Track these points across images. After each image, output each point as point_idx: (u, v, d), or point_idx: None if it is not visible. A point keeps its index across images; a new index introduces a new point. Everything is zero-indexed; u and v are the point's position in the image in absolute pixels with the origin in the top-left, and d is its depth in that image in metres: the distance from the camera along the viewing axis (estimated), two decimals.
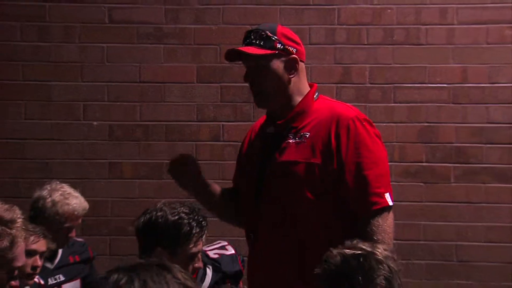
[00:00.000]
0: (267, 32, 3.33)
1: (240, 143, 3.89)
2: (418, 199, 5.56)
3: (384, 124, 5.52)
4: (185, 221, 3.31)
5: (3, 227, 2.73)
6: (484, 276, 5.54)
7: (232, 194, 3.77)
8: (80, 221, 4.50)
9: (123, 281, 1.75)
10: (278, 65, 3.34)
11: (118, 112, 5.71)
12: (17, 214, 2.83)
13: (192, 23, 5.69)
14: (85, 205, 4.49)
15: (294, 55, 3.36)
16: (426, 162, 5.60)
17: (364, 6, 5.63)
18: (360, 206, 3.26)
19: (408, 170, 5.60)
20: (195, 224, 3.31)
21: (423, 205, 5.56)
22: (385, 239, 3.18)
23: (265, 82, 3.37)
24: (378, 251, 2.75)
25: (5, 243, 2.73)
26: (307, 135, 3.34)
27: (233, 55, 3.40)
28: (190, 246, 3.33)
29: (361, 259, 2.71)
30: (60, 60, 5.68)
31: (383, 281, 2.70)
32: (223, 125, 5.68)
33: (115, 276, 1.77)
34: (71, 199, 4.42)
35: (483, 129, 5.58)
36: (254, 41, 3.34)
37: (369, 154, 3.28)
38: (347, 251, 2.73)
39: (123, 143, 5.71)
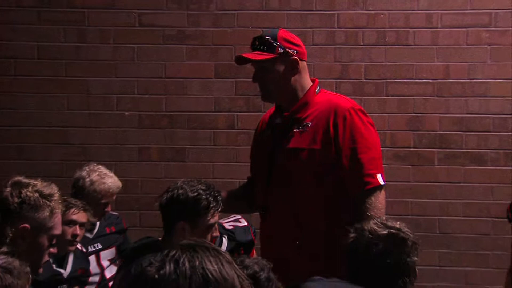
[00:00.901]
0: (269, 38, 3.38)
1: (251, 131, 3.96)
2: (406, 179, 5.59)
3: (377, 114, 5.49)
4: (203, 196, 3.31)
5: (43, 200, 2.77)
6: (463, 246, 5.58)
7: (246, 190, 3.84)
8: (114, 197, 4.64)
9: (183, 258, 1.66)
10: (280, 67, 3.39)
11: (146, 103, 5.73)
12: (55, 190, 2.86)
13: (210, 26, 5.70)
14: (119, 184, 4.61)
15: (294, 57, 3.40)
16: (413, 147, 5.64)
17: (360, 11, 5.64)
18: (355, 185, 3.32)
19: (398, 154, 5.62)
20: (211, 199, 3.33)
21: (411, 185, 5.60)
22: (377, 215, 3.20)
23: (269, 82, 3.43)
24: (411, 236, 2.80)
25: (46, 213, 2.77)
26: (309, 125, 3.39)
27: (241, 60, 3.50)
28: (208, 218, 3.33)
29: (406, 241, 2.76)
30: (96, 59, 5.71)
31: (414, 265, 2.78)
32: (237, 115, 5.71)
33: (175, 252, 1.69)
34: (107, 179, 4.54)
35: (463, 119, 5.61)
36: (258, 47, 3.41)
37: (363, 140, 3.33)
38: (393, 230, 2.76)
39: (151, 131, 5.73)
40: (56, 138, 5.72)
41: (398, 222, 2.83)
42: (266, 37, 3.39)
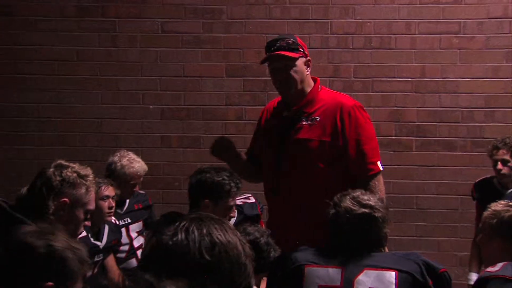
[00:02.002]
0: (293, 41, 3.48)
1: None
2: (388, 163, 5.42)
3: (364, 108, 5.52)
4: (226, 181, 3.41)
5: (80, 179, 2.80)
6: (436, 219, 5.62)
7: (251, 163, 3.85)
8: (141, 179, 4.71)
9: (193, 226, 1.68)
10: (302, 64, 3.47)
11: (167, 98, 5.77)
12: (90, 172, 2.90)
13: (222, 32, 5.73)
14: (145, 167, 4.68)
15: (308, 57, 3.53)
16: (395, 136, 5.67)
17: (350, 20, 5.66)
18: (361, 171, 3.42)
19: (381, 142, 5.01)
20: (233, 185, 3.42)
21: (392, 168, 5.56)
22: (380, 195, 3.31)
23: (294, 77, 3.44)
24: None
25: (82, 190, 2.80)
26: (318, 119, 3.45)
27: (274, 56, 3.47)
28: (229, 200, 3.43)
29: (377, 219, 2.74)
30: (125, 60, 5.75)
31: (385, 236, 2.81)
32: (245, 108, 5.72)
33: (185, 223, 1.71)
34: (135, 163, 4.60)
35: (436, 112, 5.64)
36: (286, 47, 3.44)
37: (365, 133, 3.45)
38: (366, 210, 2.73)
39: (171, 122, 5.78)
40: (91, 128, 5.78)
41: (373, 199, 2.81)
42: (291, 39, 3.50)
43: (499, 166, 4.71)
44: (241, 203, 4.40)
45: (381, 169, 3.48)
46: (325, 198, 3.22)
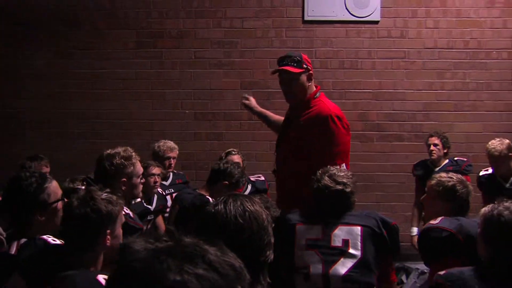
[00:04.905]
0: (298, 58, 3.23)
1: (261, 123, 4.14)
2: (357, 151, 5.47)
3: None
4: (242, 176, 3.61)
5: (126, 162, 2.80)
6: (389, 189, 5.74)
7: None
8: (174, 154, 4.75)
9: (230, 200, 1.68)
10: (304, 78, 3.24)
11: (199, 105, 5.82)
12: (130, 152, 2.87)
13: (238, 57, 5.79)
14: (175, 145, 4.82)
15: (311, 72, 3.29)
16: (361, 131, 5.71)
17: (329, 48, 5.73)
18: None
19: (352, 135, 5.24)
20: (243, 180, 3.67)
21: (359, 154, 5.59)
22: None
23: (295, 88, 3.25)
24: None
25: (130, 168, 2.81)
26: (302, 122, 3.24)
27: (279, 70, 3.28)
28: (239, 189, 3.60)
29: (348, 192, 2.74)
30: (169, 78, 5.82)
31: (353, 203, 2.79)
32: None
33: (224, 198, 1.71)
34: (167, 142, 4.80)
35: (390, 114, 5.75)
36: (290, 63, 3.21)
37: (333, 139, 3.15)
38: (339, 187, 2.70)
39: (202, 121, 5.83)
40: (145, 127, 5.85)
41: (345, 177, 2.78)
42: (297, 57, 3.23)
43: (432, 147, 4.87)
44: (254, 179, 4.52)
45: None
46: (301, 183, 3.12)
